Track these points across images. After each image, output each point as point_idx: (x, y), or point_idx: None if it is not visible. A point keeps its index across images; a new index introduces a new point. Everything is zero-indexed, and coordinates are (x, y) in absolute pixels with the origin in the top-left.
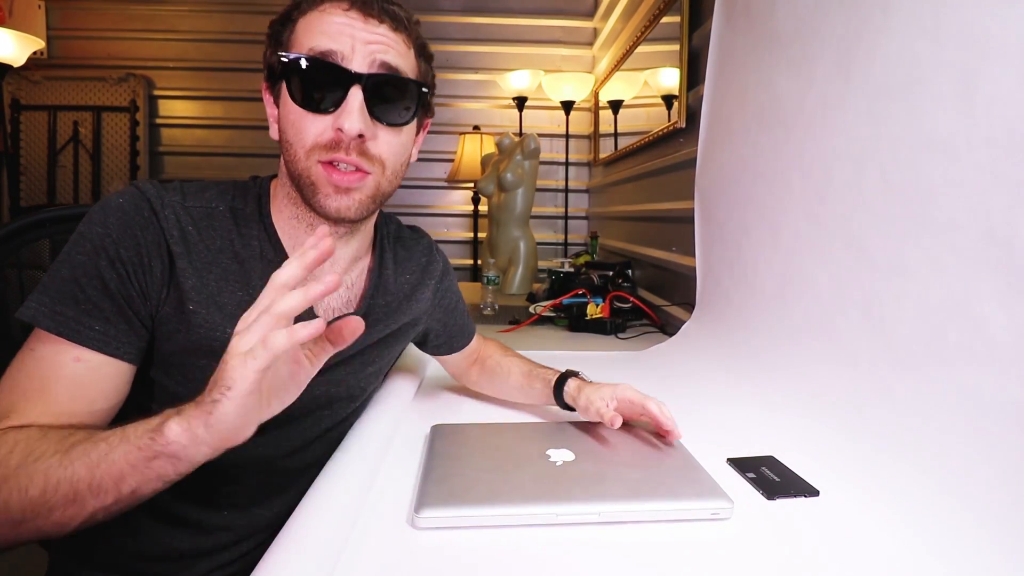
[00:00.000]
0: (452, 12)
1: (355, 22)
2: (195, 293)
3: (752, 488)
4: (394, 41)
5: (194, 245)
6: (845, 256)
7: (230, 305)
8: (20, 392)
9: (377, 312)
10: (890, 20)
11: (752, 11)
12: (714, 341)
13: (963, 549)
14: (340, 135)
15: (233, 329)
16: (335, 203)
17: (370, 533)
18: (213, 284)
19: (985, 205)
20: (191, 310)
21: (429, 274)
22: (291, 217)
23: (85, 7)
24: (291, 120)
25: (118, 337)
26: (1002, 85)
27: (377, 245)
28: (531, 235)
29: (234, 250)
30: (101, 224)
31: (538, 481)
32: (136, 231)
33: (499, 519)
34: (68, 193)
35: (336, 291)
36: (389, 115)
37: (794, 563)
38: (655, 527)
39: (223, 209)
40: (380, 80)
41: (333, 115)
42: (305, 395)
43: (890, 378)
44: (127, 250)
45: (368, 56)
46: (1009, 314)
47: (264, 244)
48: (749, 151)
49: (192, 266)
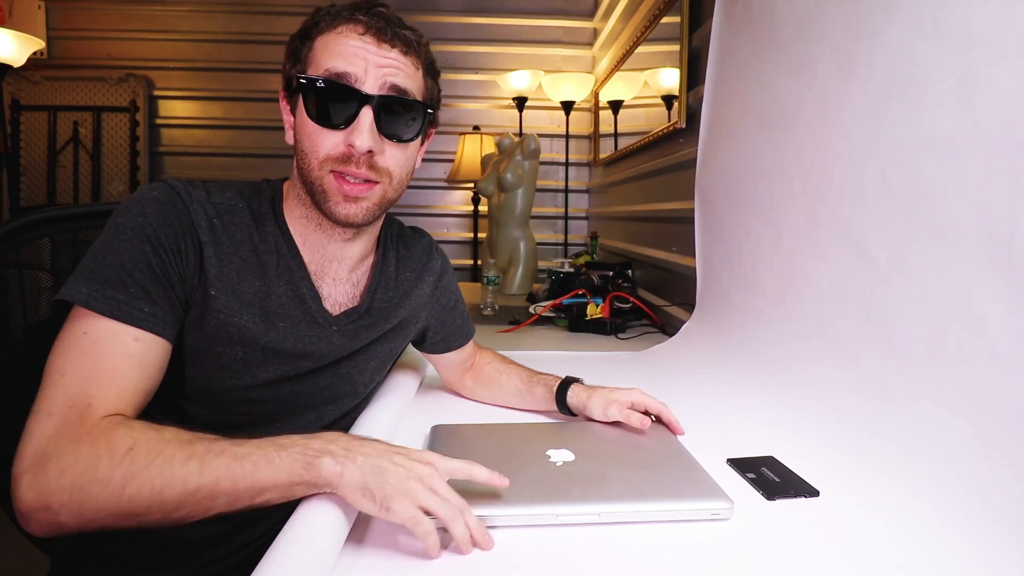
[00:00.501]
0: (452, 12)
1: (369, 46)
2: (217, 280)
3: (752, 488)
4: (404, 64)
5: (219, 236)
6: (845, 256)
7: (248, 294)
8: (87, 377)
9: (380, 307)
10: (890, 20)
11: (752, 11)
12: (714, 341)
13: (963, 549)
14: (351, 150)
15: (249, 316)
16: (344, 210)
17: (369, 533)
18: (233, 273)
19: (985, 205)
20: (213, 295)
21: (429, 271)
22: (301, 217)
23: (85, 7)
24: (306, 132)
25: (164, 318)
26: (1002, 85)
27: (381, 244)
28: (531, 235)
29: (253, 243)
30: (140, 214)
31: (538, 481)
32: (172, 219)
33: (498, 519)
34: (68, 193)
35: (343, 287)
36: (396, 132)
37: (794, 564)
38: (655, 527)
39: (242, 206)
40: (389, 101)
41: (345, 131)
42: (311, 388)
43: (890, 378)
44: (167, 236)
45: (379, 79)
46: (1009, 314)
47: (279, 240)
48: (749, 151)
49: (216, 255)
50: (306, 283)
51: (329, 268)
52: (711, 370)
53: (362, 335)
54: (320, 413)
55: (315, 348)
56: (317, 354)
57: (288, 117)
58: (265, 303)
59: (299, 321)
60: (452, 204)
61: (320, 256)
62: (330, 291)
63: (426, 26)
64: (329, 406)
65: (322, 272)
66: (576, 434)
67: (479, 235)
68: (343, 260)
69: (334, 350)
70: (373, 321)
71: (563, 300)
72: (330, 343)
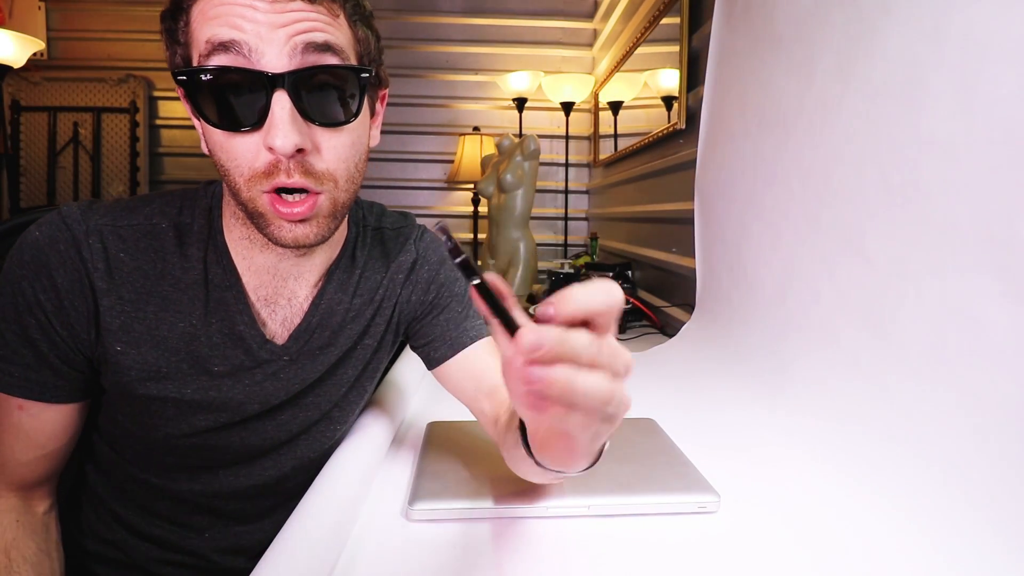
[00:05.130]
0: (452, 13)
1: (258, 3)
2: (124, 332)
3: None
4: (314, 16)
5: (126, 276)
6: (845, 257)
7: (171, 339)
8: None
9: (334, 320)
10: (890, 20)
11: (752, 12)
12: (714, 342)
13: (963, 548)
14: (275, 156)
15: (173, 364)
16: (291, 234)
17: (368, 526)
18: (150, 317)
19: (985, 205)
20: (119, 351)
21: (398, 267)
22: (242, 237)
23: (85, 8)
24: (216, 142)
25: (43, 383)
26: (1002, 85)
27: (348, 245)
28: (531, 236)
29: (175, 275)
30: (18, 265)
31: None
32: (52, 271)
33: (490, 512)
34: (68, 194)
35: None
36: (328, 114)
37: (781, 556)
38: (643, 520)
39: (165, 226)
40: (307, 74)
41: (261, 131)
42: (272, 425)
43: (890, 378)
44: (44, 293)
45: (285, 43)
46: (1009, 314)
47: (212, 266)
48: (749, 152)
49: (122, 301)
50: (244, 317)
51: (283, 289)
52: (711, 371)
53: (319, 358)
54: (292, 449)
55: (259, 389)
56: (263, 396)
57: (197, 121)
58: (192, 346)
59: (238, 361)
60: (452, 205)
61: (271, 279)
62: (284, 314)
63: (426, 26)
64: (301, 439)
65: (274, 296)
66: None
67: (479, 236)
68: (300, 276)
69: (285, 386)
70: (331, 338)
71: None
72: (278, 379)
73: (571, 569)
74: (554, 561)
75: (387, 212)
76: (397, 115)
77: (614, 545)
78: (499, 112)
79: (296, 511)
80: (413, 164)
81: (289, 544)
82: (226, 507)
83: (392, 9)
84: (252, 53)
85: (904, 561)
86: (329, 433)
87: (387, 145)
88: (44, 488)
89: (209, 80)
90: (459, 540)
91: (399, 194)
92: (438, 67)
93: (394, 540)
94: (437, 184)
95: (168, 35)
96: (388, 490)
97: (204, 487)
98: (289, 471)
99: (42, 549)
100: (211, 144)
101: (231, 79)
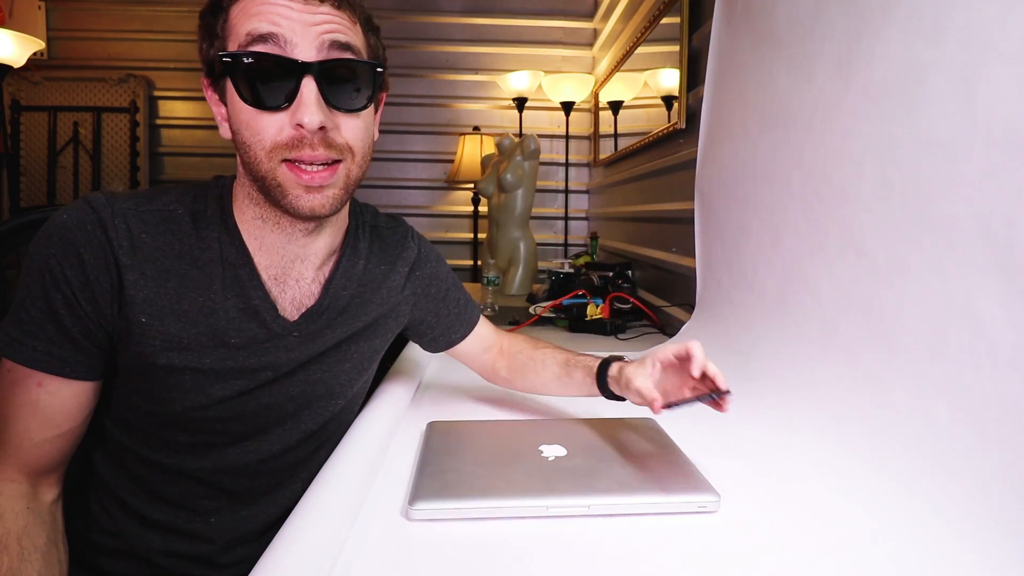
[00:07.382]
0: (452, 13)
1: (293, 3)
2: (148, 305)
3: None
4: (340, 19)
5: (148, 254)
6: (845, 256)
7: (191, 312)
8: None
9: (343, 303)
10: (890, 20)
11: (752, 12)
12: (714, 342)
13: (963, 547)
14: (301, 131)
15: (194, 335)
16: (308, 203)
17: (367, 525)
18: (171, 292)
19: (985, 205)
20: (143, 322)
21: (403, 261)
22: (255, 217)
23: (85, 8)
24: (244, 120)
25: (64, 357)
26: (1002, 85)
27: (350, 235)
28: (531, 236)
29: (193, 255)
30: (46, 245)
31: (530, 475)
32: (79, 248)
33: (490, 511)
34: (68, 194)
35: (307, 287)
36: (346, 101)
37: (780, 555)
38: (643, 520)
39: (181, 212)
40: (333, 66)
41: (288, 111)
42: (279, 397)
43: (890, 378)
44: (71, 269)
45: (316, 39)
46: (1009, 314)
47: (226, 246)
48: (749, 151)
49: (145, 277)
50: (258, 292)
51: (291, 270)
52: None
53: (326, 335)
54: (296, 422)
55: (272, 358)
56: (276, 364)
57: (218, 109)
58: (211, 320)
59: (253, 334)
60: (452, 205)
61: (280, 259)
62: (293, 294)
63: (426, 26)
64: (304, 412)
65: (283, 275)
66: (570, 430)
67: (479, 236)
68: (307, 259)
69: (295, 356)
70: (336, 319)
71: (563, 301)
72: (289, 350)
73: (571, 569)
74: (554, 561)
75: (379, 213)
76: (398, 114)
77: (614, 545)
78: (499, 112)
79: (296, 510)
80: (413, 163)
81: (289, 543)
82: (233, 485)
83: (393, 9)
84: (287, 45)
85: (904, 561)
86: (331, 407)
87: (388, 144)
88: (53, 476)
89: (249, 64)
90: (459, 540)
91: (400, 193)
92: (438, 67)
93: (394, 540)
94: (437, 184)
95: (206, 30)
96: (388, 490)
97: (214, 464)
98: (294, 443)
99: (51, 539)
100: (237, 123)
101: (268, 64)
